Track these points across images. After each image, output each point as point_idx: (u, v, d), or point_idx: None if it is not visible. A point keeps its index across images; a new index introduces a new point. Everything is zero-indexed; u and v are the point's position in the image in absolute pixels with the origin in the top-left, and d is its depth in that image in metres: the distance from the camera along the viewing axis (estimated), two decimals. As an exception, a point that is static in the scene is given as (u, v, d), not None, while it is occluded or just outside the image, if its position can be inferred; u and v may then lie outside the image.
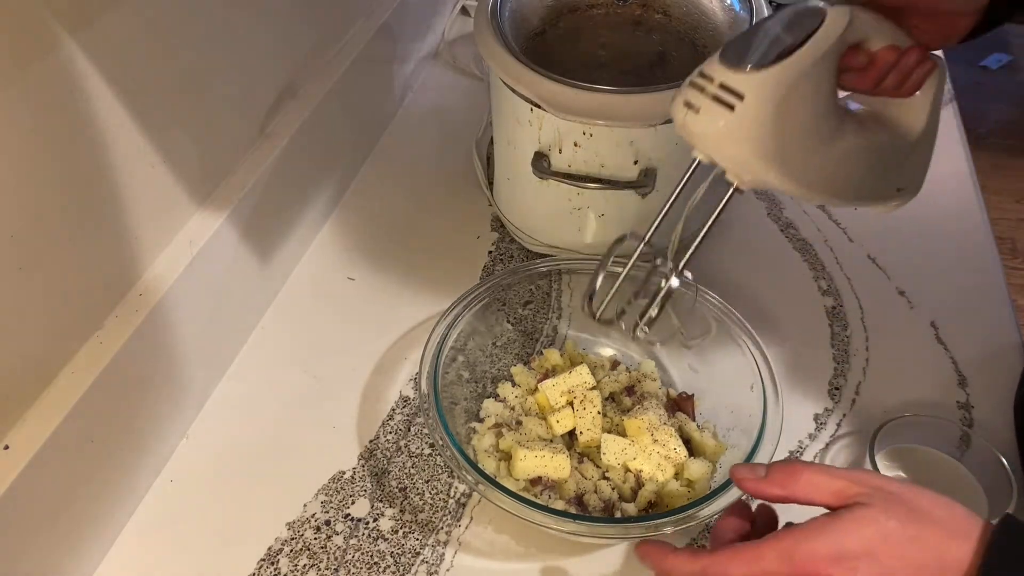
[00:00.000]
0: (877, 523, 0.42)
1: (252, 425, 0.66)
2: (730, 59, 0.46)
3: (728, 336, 0.64)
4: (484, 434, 0.62)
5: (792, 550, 0.42)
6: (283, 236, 0.76)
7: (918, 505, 0.43)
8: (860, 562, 0.41)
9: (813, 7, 0.47)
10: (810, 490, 0.44)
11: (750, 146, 0.46)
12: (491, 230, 0.84)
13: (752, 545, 0.43)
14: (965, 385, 0.69)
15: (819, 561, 0.41)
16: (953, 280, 0.78)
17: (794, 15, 0.47)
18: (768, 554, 0.43)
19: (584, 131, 0.68)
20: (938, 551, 0.41)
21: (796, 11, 0.48)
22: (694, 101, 0.46)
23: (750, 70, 0.45)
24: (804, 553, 0.42)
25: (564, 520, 0.53)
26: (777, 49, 0.45)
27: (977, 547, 0.41)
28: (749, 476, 0.47)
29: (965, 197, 0.88)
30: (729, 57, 0.46)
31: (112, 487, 0.57)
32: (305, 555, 0.58)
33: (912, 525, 0.42)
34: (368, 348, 0.72)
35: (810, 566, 0.42)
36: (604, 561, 0.58)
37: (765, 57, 0.45)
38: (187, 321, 0.62)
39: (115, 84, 0.52)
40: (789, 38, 0.46)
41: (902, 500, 0.43)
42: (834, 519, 0.42)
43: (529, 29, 0.75)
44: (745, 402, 0.61)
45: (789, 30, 0.46)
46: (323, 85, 0.79)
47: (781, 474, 0.46)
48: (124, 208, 0.56)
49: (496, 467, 0.60)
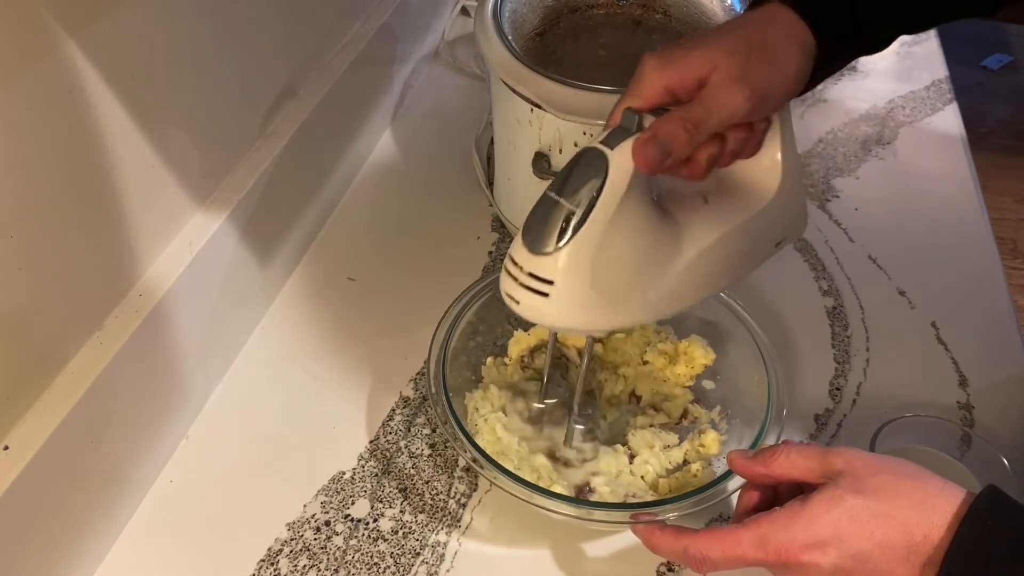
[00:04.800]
0: (844, 503, 0.43)
1: (252, 425, 0.66)
2: (531, 243, 0.46)
3: (735, 331, 0.64)
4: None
5: (767, 537, 0.44)
6: (283, 236, 0.76)
7: (886, 479, 0.44)
8: (830, 546, 0.43)
9: (593, 155, 0.46)
10: (788, 467, 0.48)
11: (581, 316, 0.47)
12: (491, 230, 0.84)
13: (731, 530, 0.46)
14: (966, 385, 0.69)
15: (792, 547, 0.43)
16: (953, 280, 0.78)
17: (577, 172, 0.46)
18: (745, 540, 0.45)
19: (584, 131, 0.68)
20: (906, 527, 0.42)
21: (579, 167, 0.46)
22: (512, 293, 0.47)
23: (552, 252, 0.45)
24: (777, 540, 0.44)
25: (564, 503, 0.53)
26: (572, 220, 0.45)
27: (952, 521, 0.41)
28: (738, 458, 0.51)
29: (965, 197, 0.87)
30: (531, 241, 0.46)
31: (112, 487, 0.57)
32: (305, 556, 0.58)
33: (879, 501, 0.43)
34: (368, 348, 0.72)
35: (784, 553, 0.43)
36: (605, 561, 0.58)
37: (562, 234, 0.45)
38: (187, 321, 0.62)
39: (115, 84, 0.52)
40: (581, 203, 0.45)
41: (870, 475, 0.44)
42: (805, 505, 0.44)
43: (529, 29, 0.75)
44: (748, 399, 0.61)
45: (577, 193, 0.45)
46: (323, 85, 0.79)
47: (763, 454, 0.49)
48: (124, 208, 0.56)
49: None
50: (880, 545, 0.42)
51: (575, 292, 0.46)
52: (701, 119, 0.45)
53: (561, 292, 0.46)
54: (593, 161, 0.46)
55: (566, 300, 0.46)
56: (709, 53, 0.46)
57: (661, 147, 0.45)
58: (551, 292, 0.46)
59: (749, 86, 0.46)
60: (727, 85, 0.46)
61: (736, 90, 0.46)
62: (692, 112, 0.46)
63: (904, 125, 0.97)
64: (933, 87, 1.03)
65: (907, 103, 1.00)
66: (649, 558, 0.53)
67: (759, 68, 0.47)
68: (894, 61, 1.07)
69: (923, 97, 1.01)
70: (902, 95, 1.02)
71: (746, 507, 0.50)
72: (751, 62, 0.46)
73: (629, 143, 0.45)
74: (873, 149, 0.94)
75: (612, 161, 0.45)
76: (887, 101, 1.01)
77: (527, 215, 0.47)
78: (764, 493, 0.50)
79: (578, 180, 0.46)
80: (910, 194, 0.88)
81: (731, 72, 0.46)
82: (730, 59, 0.46)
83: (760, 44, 0.47)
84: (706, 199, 0.51)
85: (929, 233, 0.83)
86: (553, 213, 0.46)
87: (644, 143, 0.45)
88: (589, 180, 0.45)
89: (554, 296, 0.46)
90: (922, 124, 0.97)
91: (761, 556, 0.44)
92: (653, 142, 0.45)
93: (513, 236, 0.81)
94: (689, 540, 0.47)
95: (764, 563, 0.44)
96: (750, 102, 0.46)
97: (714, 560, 0.46)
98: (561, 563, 0.58)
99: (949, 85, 1.03)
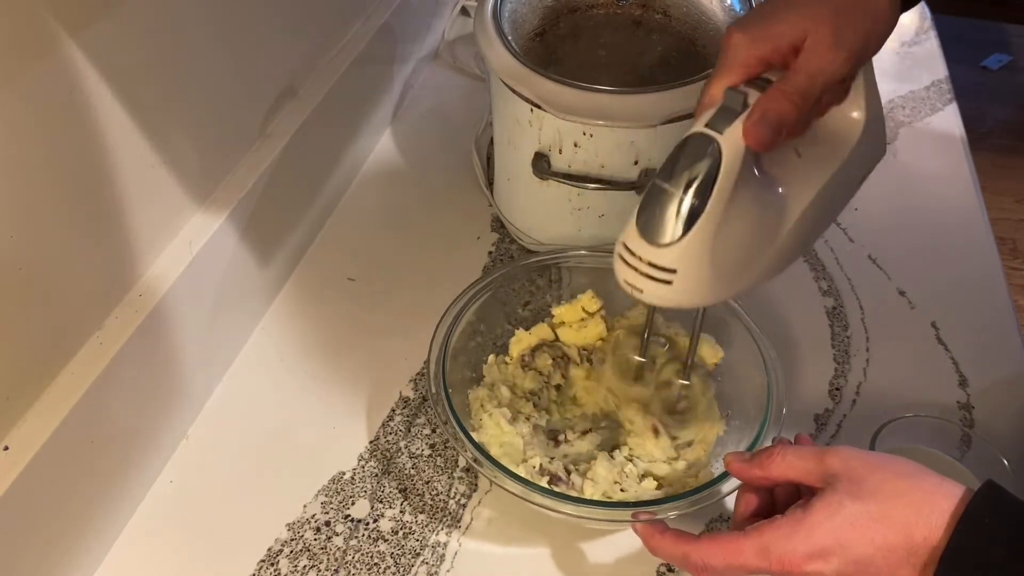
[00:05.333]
0: (843, 508, 0.43)
1: (252, 426, 0.66)
2: (649, 234, 0.46)
3: (735, 331, 0.64)
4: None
5: (769, 547, 0.44)
6: (283, 236, 0.76)
7: (883, 479, 0.43)
8: (833, 554, 0.42)
9: (701, 141, 0.45)
10: (784, 469, 0.47)
11: (700, 295, 0.47)
12: (491, 230, 0.83)
13: (733, 538, 0.45)
14: (966, 385, 0.69)
15: (795, 558, 0.43)
16: (953, 280, 0.78)
17: (686, 159, 0.46)
18: (747, 549, 0.44)
19: (584, 131, 0.68)
20: (905, 529, 0.42)
21: (686, 153, 0.46)
22: (633, 282, 0.47)
23: (672, 243, 0.45)
24: (780, 550, 0.43)
25: (565, 503, 0.53)
26: (686, 208, 0.45)
27: (949, 521, 0.41)
28: (735, 460, 0.50)
29: (965, 197, 0.87)
30: (647, 231, 0.46)
31: (112, 487, 0.57)
32: (305, 556, 0.58)
33: (878, 504, 0.42)
34: (368, 348, 0.72)
35: (787, 563, 0.43)
36: (605, 562, 0.58)
37: (680, 223, 0.45)
38: (187, 321, 0.62)
39: (115, 84, 0.52)
40: (695, 190, 0.45)
41: (867, 475, 0.44)
42: (806, 513, 0.44)
43: (529, 29, 0.75)
44: (748, 399, 0.62)
45: (689, 180, 0.45)
46: (323, 85, 0.79)
47: (760, 457, 0.49)
48: (124, 208, 0.56)
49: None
50: (881, 549, 0.42)
51: (697, 276, 0.46)
52: (806, 89, 0.45)
53: (684, 278, 0.46)
54: (702, 146, 0.45)
55: (689, 284, 0.46)
56: (798, 18, 0.46)
57: (773, 125, 0.44)
58: (674, 280, 0.46)
59: (845, 47, 0.45)
60: (824, 49, 0.45)
61: (834, 53, 0.45)
62: (796, 83, 0.45)
63: (904, 125, 0.97)
64: (933, 87, 1.03)
65: (907, 103, 1.00)
66: (650, 559, 0.53)
67: (850, 26, 0.46)
68: (894, 61, 1.07)
69: (923, 97, 1.01)
70: (902, 95, 1.02)
71: (744, 511, 0.50)
72: (842, 20, 0.45)
73: (738, 125, 0.45)
74: (873, 149, 0.94)
75: (724, 145, 0.45)
76: (887, 101, 1.01)
77: (639, 204, 0.47)
78: (761, 495, 0.50)
79: (688, 166, 0.45)
80: (910, 194, 0.88)
81: (825, 36, 0.45)
82: (821, 23, 0.45)
83: (845, 1, 0.46)
84: (798, 152, 0.51)
85: (929, 233, 0.83)
86: (666, 202, 0.45)
87: (756, 124, 0.44)
88: (701, 166, 0.45)
89: (677, 283, 0.46)
90: (922, 124, 0.97)
91: (764, 565, 0.44)
92: (764, 122, 0.44)
93: (513, 236, 0.81)
94: (691, 547, 0.46)
95: (767, 572, 0.44)
96: (849, 62, 0.46)
97: (716, 568, 0.45)
98: (561, 563, 0.58)
99: (949, 85, 1.03)
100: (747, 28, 0.47)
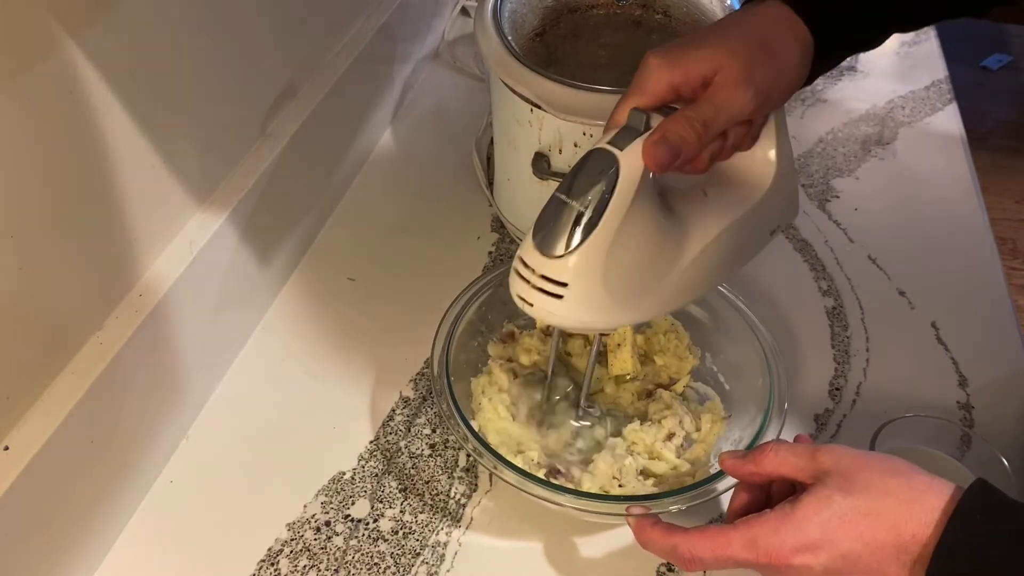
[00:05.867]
0: (833, 504, 0.43)
1: (252, 425, 0.66)
2: (543, 245, 0.46)
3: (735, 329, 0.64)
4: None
5: (756, 539, 0.44)
6: (283, 236, 0.76)
7: (873, 476, 0.44)
8: (820, 548, 0.43)
9: (602, 157, 0.46)
10: (777, 464, 0.48)
11: (590, 315, 0.47)
12: (491, 230, 0.84)
13: (721, 530, 0.46)
14: (965, 385, 0.69)
15: (782, 551, 0.43)
16: (953, 280, 0.78)
17: (585, 173, 0.46)
18: (735, 541, 0.45)
19: (584, 132, 0.68)
20: (894, 526, 0.42)
21: (587, 168, 0.46)
22: (524, 295, 0.47)
23: (564, 255, 0.45)
24: (767, 543, 0.44)
25: (565, 495, 0.53)
26: (582, 222, 0.45)
27: (940, 518, 0.41)
28: (729, 458, 0.51)
29: (965, 197, 0.87)
30: (542, 244, 0.46)
31: (112, 487, 0.57)
32: (305, 556, 0.58)
33: (868, 500, 0.43)
34: (368, 348, 0.72)
35: (774, 555, 0.43)
36: (606, 562, 0.58)
37: (574, 237, 0.45)
38: (187, 321, 0.62)
39: (115, 85, 0.52)
40: (591, 204, 0.45)
41: (858, 472, 0.44)
42: (795, 507, 0.44)
43: (529, 29, 0.75)
44: (748, 398, 0.62)
45: (586, 194, 0.45)
46: (323, 85, 0.79)
47: (753, 453, 0.49)
48: (124, 209, 0.56)
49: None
50: (870, 546, 0.42)
51: (588, 293, 0.46)
52: (710, 118, 0.46)
53: (574, 294, 0.46)
54: (602, 162, 0.46)
55: (579, 301, 0.46)
56: (713, 53, 0.47)
57: (672, 147, 0.45)
58: (564, 294, 0.46)
59: (754, 85, 0.46)
60: (733, 85, 0.46)
61: (742, 90, 0.46)
62: (701, 111, 0.46)
63: (904, 125, 0.97)
64: (933, 87, 1.03)
65: (907, 103, 1.00)
66: (649, 559, 0.53)
67: (762, 67, 0.47)
68: (894, 61, 1.07)
69: (923, 97, 1.01)
70: (902, 95, 1.02)
71: (738, 508, 0.50)
72: (754, 61, 0.47)
73: (639, 144, 0.46)
74: (873, 149, 0.94)
75: (622, 162, 0.45)
76: (887, 101, 1.01)
77: (537, 217, 0.48)
78: (756, 494, 0.50)
79: (587, 181, 0.46)
80: (910, 194, 0.88)
81: (736, 72, 0.46)
82: (734, 58, 0.46)
83: (761, 42, 0.48)
84: (705, 192, 0.52)
85: (929, 233, 0.83)
86: (563, 215, 0.46)
87: (655, 144, 0.45)
88: (599, 181, 0.45)
89: (567, 298, 0.46)
90: (922, 124, 0.97)
91: (752, 558, 0.44)
92: (664, 143, 0.45)
93: (513, 236, 0.81)
94: (679, 538, 0.47)
95: (754, 565, 0.44)
96: (756, 100, 0.47)
97: (704, 560, 0.46)
98: (562, 563, 0.58)
99: (949, 85, 1.03)
100: (664, 54, 0.48)
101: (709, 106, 0.46)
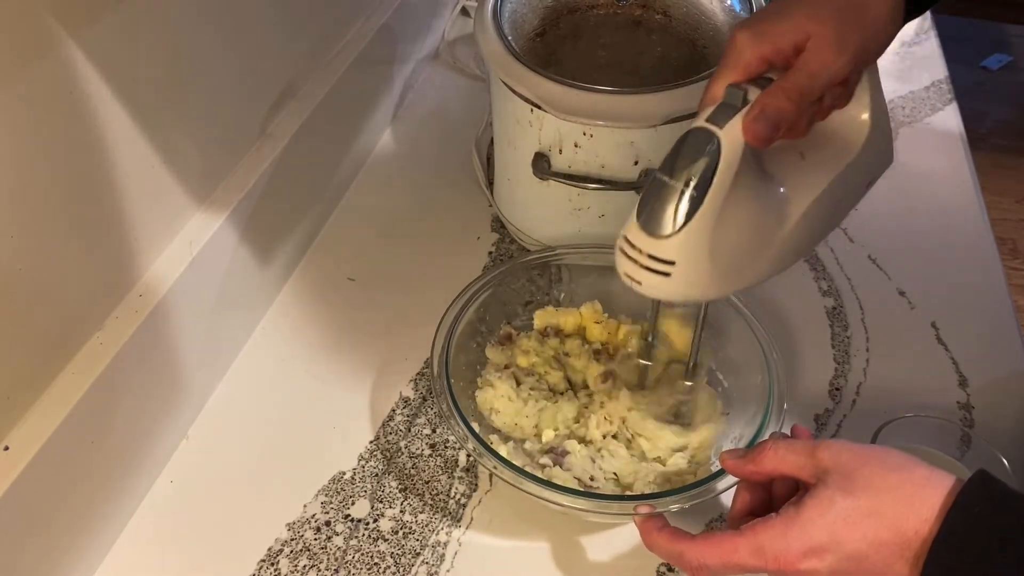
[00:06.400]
0: (835, 505, 0.43)
1: (252, 425, 0.66)
2: (649, 226, 0.46)
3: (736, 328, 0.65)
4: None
5: (764, 546, 0.44)
6: (283, 236, 0.76)
7: (873, 472, 0.44)
8: (827, 551, 0.43)
9: (701, 135, 0.46)
10: (776, 463, 0.48)
11: (698, 289, 0.48)
12: (491, 230, 0.84)
13: (728, 537, 0.45)
14: (965, 385, 0.69)
15: (789, 556, 0.43)
16: (953, 280, 0.78)
17: (686, 153, 0.46)
18: (742, 548, 0.45)
19: (584, 132, 0.68)
20: (896, 523, 0.42)
21: (687, 147, 0.47)
22: (632, 274, 0.48)
23: (671, 235, 0.46)
24: (775, 549, 0.44)
25: (566, 495, 0.53)
26: (686, 201, 0.45)
27: (939, 513, 0.41)
28: (729, 457, 0.51)
29: (965, 197, 0.87)
30: (648, 224, 0.47)
31: (112, 487, 0.57)
32: (305, 556, 0.58)
33: (869, 499, 0.43)
34: (368, 348, 0.72)
35: (782, 561, 0.43)
36: (606, 562, 0.58)
37: (679, 216, 0.46)
38: (187, 322, 0.62)
39: (115, 84, 0.52)
40: (694, 183, 0.45)
41: (858, 469, 0.44)
42: (799, 511, 0.44)
43: (529, 29, 0.75)
44: (748, 397, 0.62)
45: (688, 173, 0.46)
46: (323, 85, 0.79)
47: (753, 452, 0.49)
48: (124, 209, 0.56)
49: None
50: (874, 544, 0.42)
51: (695, 269, 0.47)
52: (806, 87, 0.46)
53: (682, 271, 0.47)
54: (702, 141, 0.46)
55: (687, 277, 0.47)
56: (801, 21, 0.46)
57: (771, 122, 0.45)
58: (672, 272, 0.47)
59: (847, 48, 0.46)
60: (825, 50, 0.46)
61: (835, 54, 0.46)
62: (796, 81, 0.46)
63: (904, 125, 0.97)
64: (933, 87, 1.03)
65: (907, 103, 1.00)
66: (649, 558, 0.53)
67: (853, 27, 0.47)
68: (894, 61, 1.07)
69: (923, 97, 1.01)
70: (902, 95, 1.02)
71: (740, 507, 0.50)
72: (844, 22, 0.46)
73: (738, 120, 0.46)
74: (873, 149, 0.94)
75: (723, 140, 0.45)
76: (887, 101, 1.01)
77: (640, 197, 0.48)
78: (757, 493, 0.50)
79: (688, 161, 0.46)
80: (910, 194, 0.88)
81: (827, 37, 0.46)
82: (823, 24, 0.46)
83: (848, 2, 0.47)
84: (803, 154, 0.52)
85: (929, 233, 0.83)
86: (666, 195, 0.46)
87: (755, 120, 0.45)
88: (700, 160, 0.46)
89: (675, 275, 0.47)
90: (922, 124, 0.97)
91: (760, 564, 0.44)
92: (763, 118, 0.45)
93: (513, 236, 0.81)
94: (686, 546, 0.47)
95: (763, 571, 0.44)
96: (850, 64, 0.47)
97: (711, 567, 0.46)
98: (562, 563, 0.58)
99: (949, 85, 1.03)
100: (751, 27, 0.48)
101: (803, 74, 0.46)
